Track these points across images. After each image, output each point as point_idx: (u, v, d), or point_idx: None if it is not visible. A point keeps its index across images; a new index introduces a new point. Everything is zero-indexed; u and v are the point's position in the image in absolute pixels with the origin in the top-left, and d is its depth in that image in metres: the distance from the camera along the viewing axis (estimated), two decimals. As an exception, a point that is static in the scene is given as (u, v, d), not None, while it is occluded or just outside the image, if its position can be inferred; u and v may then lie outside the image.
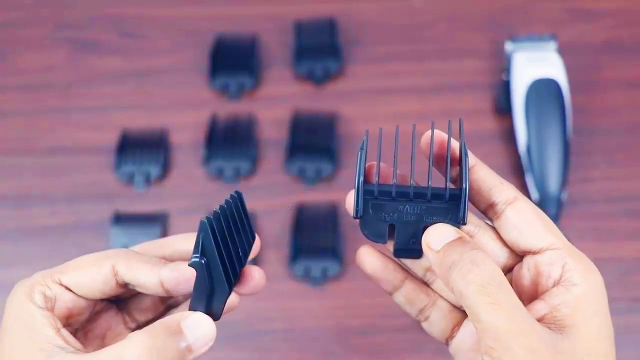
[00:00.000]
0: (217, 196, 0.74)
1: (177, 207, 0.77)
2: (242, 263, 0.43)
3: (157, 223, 0.75)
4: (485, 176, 0.41)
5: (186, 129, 0.81)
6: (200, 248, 0.39)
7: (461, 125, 0.42)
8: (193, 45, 0.86)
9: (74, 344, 0.38)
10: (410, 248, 0.41)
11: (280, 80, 0.84)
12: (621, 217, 0.76)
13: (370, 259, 0.44)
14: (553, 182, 0.74)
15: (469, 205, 0.40)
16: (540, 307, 0.38)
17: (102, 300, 0.43)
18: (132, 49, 0.86)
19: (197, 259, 0.39)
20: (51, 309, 0.39)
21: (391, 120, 0.82)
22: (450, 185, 0.40)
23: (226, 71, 0.83)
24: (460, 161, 0.41)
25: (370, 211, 0.41)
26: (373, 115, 0.82)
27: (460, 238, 0.39)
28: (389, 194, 0.41)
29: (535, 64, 0.77)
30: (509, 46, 0.80)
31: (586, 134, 0.80)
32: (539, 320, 0.37)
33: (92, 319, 0.43)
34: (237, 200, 0.43)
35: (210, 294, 0.40)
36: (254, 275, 0.44)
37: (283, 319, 0.72)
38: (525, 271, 0.40)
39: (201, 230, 0.39)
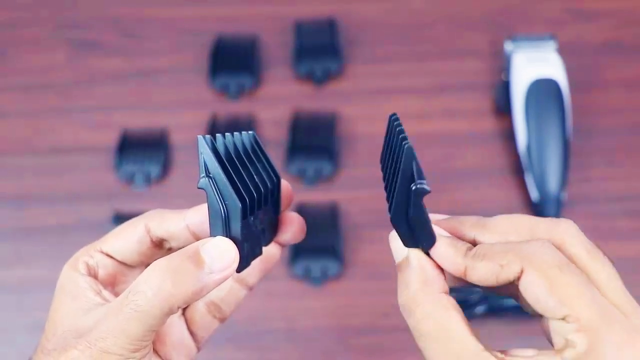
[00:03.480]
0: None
1: (177, 207, 0.77)
2: (264, 198, 0.40)
3: (157, 223, 0.75)
4: (480, 278, 0.36)
5: (186, 129, 0.81)
6: (204, 167, 0.37)
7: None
8: (193, 45, 0.86)
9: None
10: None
11: (280, 80, 0.84)
12: (621, 217, 0.76)
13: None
14: (553, 182, 0.74)
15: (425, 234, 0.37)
16: (528, 353, 0.35)
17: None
18: (132, 49, 0.86)
19: (203, 178, 0.37)
20: (95, 276, 0.41)
21: (391, 120, 0.82)
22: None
23: (226, 71, 0.83)
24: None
25: None
26: (373, 115, 0.82)
27: (403, 261, 0.37)
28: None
29: (535, 64, 0.77)
30: (508, 46, 0.80)
31: (586, 134, 0.80)
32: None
33: None
34: (251, 138, 0.41)
35: (226, 216, 0.37)
36: (293, 220, 0.43)
37: (283, 318, 0.72)
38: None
39: (200, 148, 0.37)
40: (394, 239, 0.38)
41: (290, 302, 0.73)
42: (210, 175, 0.37)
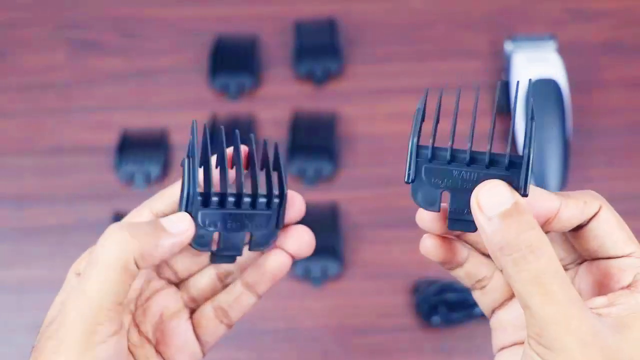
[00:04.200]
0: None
1: (177, 207, 0.77)
2: (241, 199, 0.41)
3: (157, 223, 0.75)
4: (570, 215, 0.38)
5: (186, 129, 0.79)
6: (188, 148, 0.40)
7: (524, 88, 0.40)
8: (193, 45, 0.86)
9: None
10: (465, 219, 0.37)
11: (280, 80, 0.84)
12: (621, 217, 0.76)
13: (434, 247, 0.40)
14: (553, 182, 0.74)
15: (531, 177, 0.37)
16: (599, 302, 0.36)
17: (159, 278, 0.44)
18: (132, 49, 0.86)
19: (184, 158, 0.40)
20: None
21: (391, 120, 0.82)
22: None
23: (226, 71, 0.83)
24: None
25: (423, 176, 0.38)
26: (373, 115, 0.82)
27: (516, 205, 0.35)
28: (444, 158, 0.38)
29: (535, 64, 0.77)
30: (508, 46, 0.80)
31: (586, 134, 0.80)
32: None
33: (150, 297, 0.44)
34: (272, 147, 0.42)
35: (186, 198, 0.40)
36: (302, 235, 0.44)
37: (283, 319, 0.72)
38: (594, 269, 0.39)
39: (192, 131, 0.40)
40: (499, 186, 0.36)
41: (290, 302, 0.73)
42: (189, 157, 0.40)
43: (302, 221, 0.75)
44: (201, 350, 0.44)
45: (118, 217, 0.75)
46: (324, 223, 0.75)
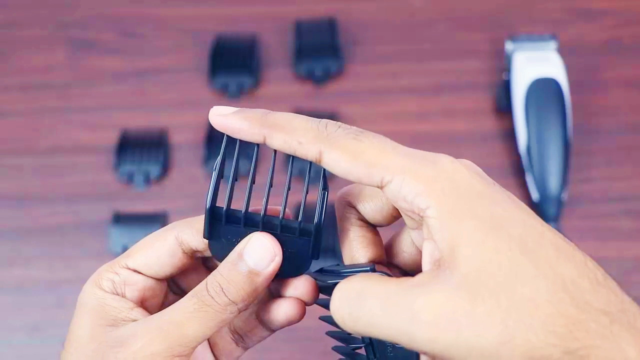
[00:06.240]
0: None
1: (177, 206, 0.77)
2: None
3: (157, 223, 0.75)
4: (281, 145, 0.38)
5: (186, 129, 0.81)
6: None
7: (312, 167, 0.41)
8: (193, 45, 0.86)
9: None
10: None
11: (280, 80, 0.84)
12: (621, 217, 0.76)
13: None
14: (553, 182, 0.74)
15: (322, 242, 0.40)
16: (425, 266, 0.34)
17: (174, 294, 0.42)
18: (132, 49, 0.86)
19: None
20: (122, 294, 0.39)
21: (391, 120, 0.82)
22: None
23: (226, 71, 0.83)
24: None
25: (220, 236, 0.39)
26: (373, 115, 0.82)
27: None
28: (237, 219, 0.39)
29: (535, 63, 0.77)
30: (509, 46, 0.80)
31: (586, 134, 0.80)
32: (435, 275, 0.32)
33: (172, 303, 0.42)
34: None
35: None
36: (300, 288, 0.43)
37: (283, 319, 0.72)
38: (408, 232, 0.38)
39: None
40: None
41: (290, 302, 0.73)
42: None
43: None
44: None
45: (118, 217, 0.75)
46: (324, 223, 0.75)
